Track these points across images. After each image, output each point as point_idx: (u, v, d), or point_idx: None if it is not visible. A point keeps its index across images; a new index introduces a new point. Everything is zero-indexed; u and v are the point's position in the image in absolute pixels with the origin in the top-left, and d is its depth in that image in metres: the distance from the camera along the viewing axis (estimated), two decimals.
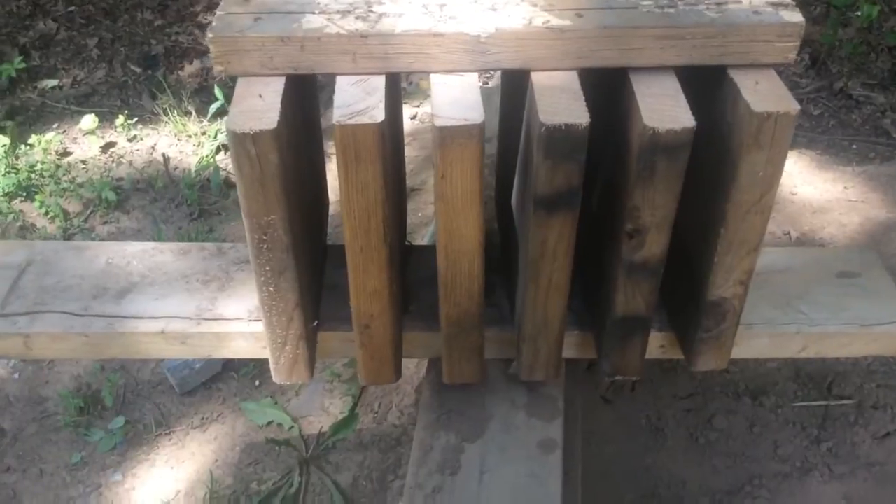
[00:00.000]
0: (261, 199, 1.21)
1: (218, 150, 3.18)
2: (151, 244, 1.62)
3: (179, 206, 2.97)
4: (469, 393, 1.52)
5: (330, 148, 2.55)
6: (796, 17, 1.26)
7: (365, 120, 1.16)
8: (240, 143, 1.15)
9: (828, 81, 3.46)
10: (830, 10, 3.71)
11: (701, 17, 1.25)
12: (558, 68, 1.25)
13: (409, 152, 3.00)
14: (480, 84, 1.28)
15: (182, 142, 3.25)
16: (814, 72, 3.51)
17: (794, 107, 1.20)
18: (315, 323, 1.46)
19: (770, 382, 2.15)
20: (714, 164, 1.30)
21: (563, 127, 1.16)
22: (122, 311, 1.49)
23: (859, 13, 3.54)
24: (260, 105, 1.18)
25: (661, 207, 1.26)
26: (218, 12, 1.24)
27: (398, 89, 1.50)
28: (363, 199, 1.22)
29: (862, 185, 2.87)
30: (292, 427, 2.23)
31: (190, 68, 3.61)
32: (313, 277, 1.48)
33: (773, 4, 1.28)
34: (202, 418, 2.29)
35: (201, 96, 3.45)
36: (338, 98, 1.20)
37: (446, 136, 1.17)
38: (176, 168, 3.13)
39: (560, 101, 1.20)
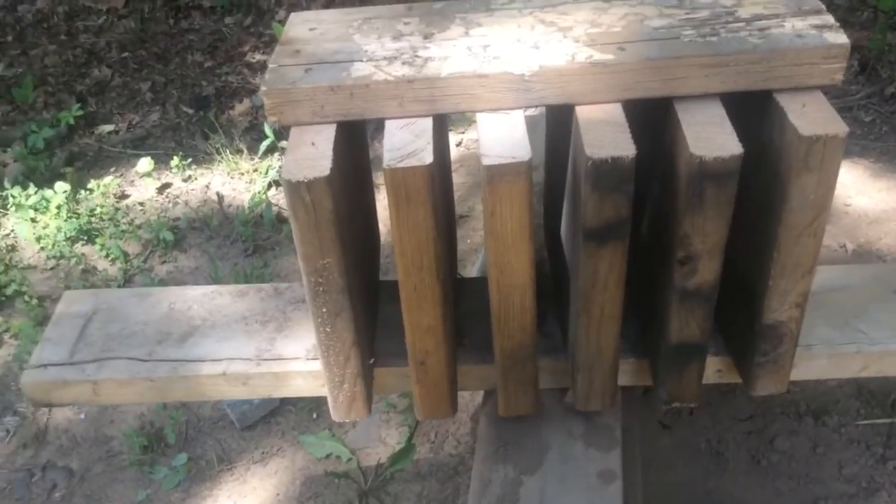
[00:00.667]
0: (316, 243, 1.24)
1: (269, 186, 3.25)
2: (211, 287, 1.66)
3: (234, 242, 3.04)
4: (526, 424, 1.53)
5: (378, 178, 2.59)
6: (841, 38, 1.25)
7: (414, 163, 1.18)
8: (295, 191, 1.19)
9: (878, 87, 3.40)
10: (878, 14, 3.66)
11: (743, 43, 1.25)
12: (602, 101, 1.27)
13: (456, 179, 3.03)
14: (525, 112, 1.30)
15: (235, 180, 3.33)
16: (863, 77, 3.46)
17: (842, 129, 1.19)
18: (372, 360, 1.49)
19: (832, 401, 2.12)
20: (764, 188, 1.29)
21: (610, 160, 1.17)
22: (184, 355, 1.53)
23: None
24: (313, 153, 1.22)
25: (712, 234, 1.26)
26: (270, 65, 1.28)
27: (445, 129, 1.53)
28: (415, 238, 1.25)
29: None
30: (350, 459, 2.26)
31: (240, 107, 3.71)
32: (368, 315, 1.51)
33: (816, 27, 1.28)
34: (262, 452, 2.33)
35: (252, 134, 3.54)
36: (387, 142, 1.22)
37: (495, 175, 1.19)
38: (230, 206, 3.20)
39: (605, 135, 1.21)
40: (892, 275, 1.70)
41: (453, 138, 3.39)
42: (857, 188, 2.89)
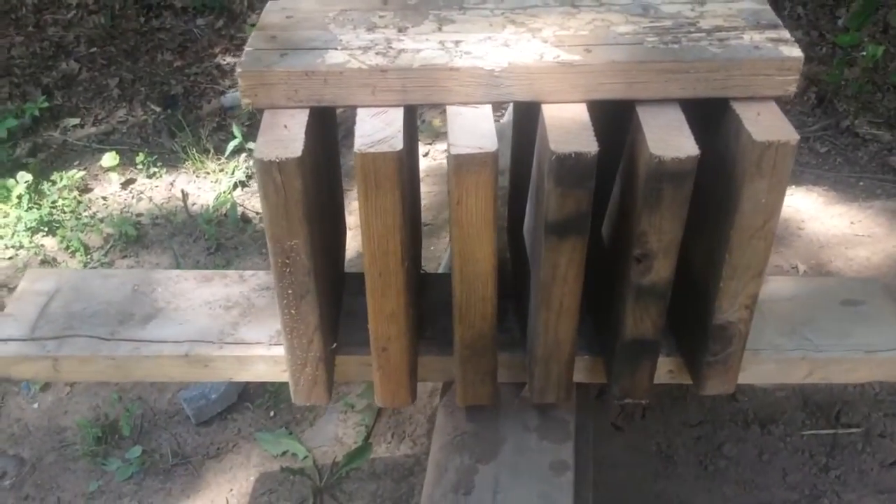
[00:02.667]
0: (284, 224, 1.27)
1: (235, 186, 3.25)
2: (175, 272, 1.68)
3: (197, 240, 3.04)
4: (482, 416, 1.56)
5: (347, 185, 2.62)
6: (795, 52, 1.32)
7: (385, 148, 1.22)
8: (266, 170, 1.21)
9: (834, 120, 3.52)
10: (836, 49, 3.79)
11: (703, 52, 1.31)
12: (568, 101, 1.31)
13: (423, 188, 3.07)
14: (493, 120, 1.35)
15: (200, 178, 3.33)
16: (820, 110, 3.57)
17: (793, 136, 1.25)
18: (334, 345, 1.51)
19: (779, 411, 2.18)
20: (719, 192, 1.35)
21: (573, 155, 1.22)
22: (147, 336, 1.54)
23: (864, 53, 3.61)
24: (285, 135, 1.24)
25: (668, 233, 1.31)
26: (246, 48, 1.31)
27: (415, 122, 1.57)
28: (382, 224, 1.28)
29: (868, 220, 2.91)
30: (306, 457, 2.26)
31: (208, 107, 3.71)
32: (332, 302, 1.53)
33: (773, 40, 1.34)
34: (217, 448, 2.32)
35: (219, 135, 3.54)
36: (359, 129, 1.26)
37: (462, 164, 1.23)
38: (194, 204, 3.20)
39: (570, 132, 1.26)
40: (839, 288, 1.77)
41: (421, 149, 3.43)
42: (810, 214, 2.99)
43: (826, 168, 3.29)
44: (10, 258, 2.95)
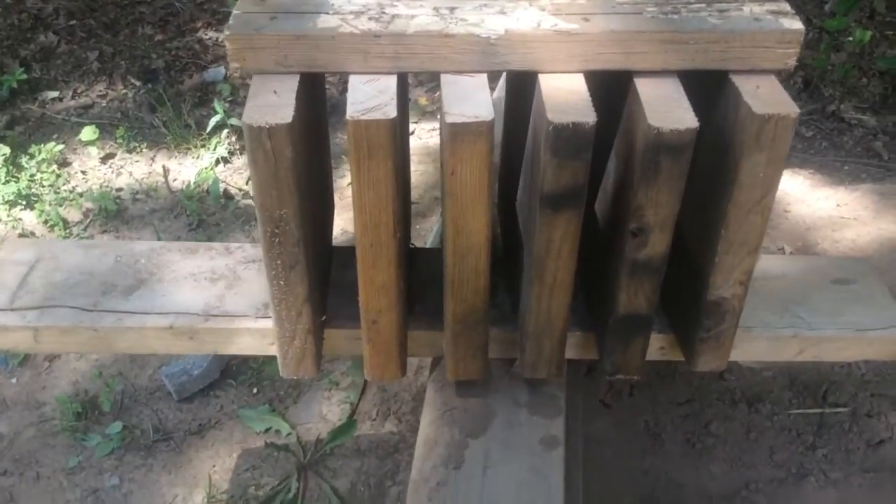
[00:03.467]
0: (274, 192, 1.23)
1: (217, 162, 3.20)
2: (159, 243, 1.64)
3: (178, 216, 2.99)
4: (472, 391, 1.55)
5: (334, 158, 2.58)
6: (796, 24, 1.30)
7: (378, 116, 1.19)
8: (255, 137, 1.18)
9: (820, 105, 3.52)
10: (823, 34, 3.78)
11: (703, 23, 1.29)
12: (565, 70, 1.29)
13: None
14: None
15: (182, 154, 3.27)
16: (806, 95, 3.57)
17: (793, 110, 1.23)
18: (323, 317, 1.48)
19: (766, 390, 2.18)
20: (716, 165, 1.33)
21: (571, 126, 1.20)
22: (130, 307, 1.51)
23: (851, 38, 3.61)
24: (275, 101, 1.21)
25: (665, 206, 1.29)
26: (235, 11, 1.27)
27: (407, 91, 1.54)
28: (374, 194, 1.25)
29: (854, 203, 2.92)
30: (290, 434, 2.24)
31: (190, 82, 3.65)
32: (321, 275, 1.50)
33: (773, 12, 1.32)
34: (199, 425, 2.29)
35: (201, 110, 3.48)
36: (351, 95, 1.23)
37: (457, 133, 1.20)
38: (175, 180, 3.15)
39: (567, 102, 1.23)
40: (830, 266, 1.77)
41: None
42: (796, 197, 2.99)
43: (812, 152, 3.29)
44: None
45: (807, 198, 2.98)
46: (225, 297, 1.55)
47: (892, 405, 2.12)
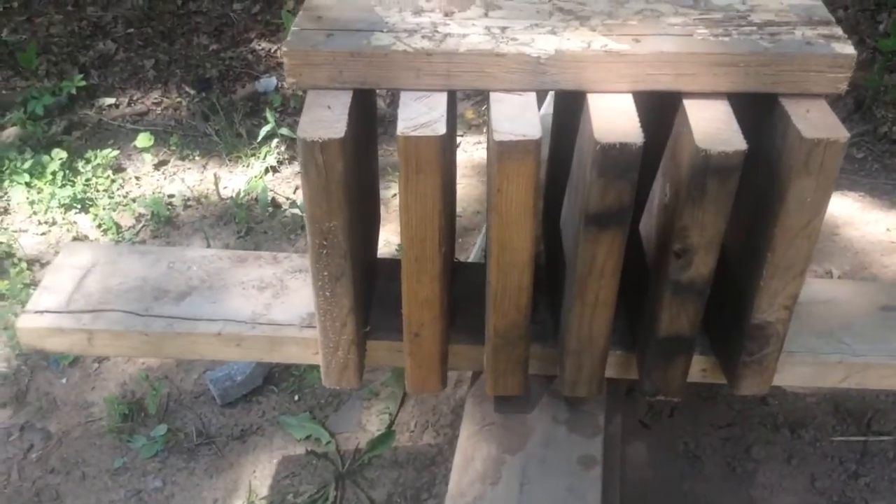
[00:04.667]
0: (325, 205, 1.26)
1: (266, 171, 3.26)
2: (211, 251, 1.68)
3: (227, 223, 3.05)
4: (511, 407, 1.55)
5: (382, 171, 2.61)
6: (848, 48, 1.29)
7: (427, 132, 1.21)
8: (308, 150, 1.21)
9: (872, 126, 3.46)
10: (877, 55, 3.73)
11: (755, 46, 1.29)
12: (614, 91, 1.30)
13: None
14: None
15: (232, 162, 3.34)
16: (858, 116, 3.52)
17: (843, 134, 1.23)
18: (367, 328, 1.50)
19: (809, 416, 2.15)
20: (763, 189, 1.33)
21: (618, 146, 1.20)
22: (181, 313, 1.55)
23: None
24: (328, 116, 1.24)
25: (710, 228, 1.29)
26: (292, 28, 1.31)
27: (455, 107, 1.56)
28: (421, 208, 1.27)
29: None
30: (329, 442, 2.26)
31: (242, 92, 3.72)
32: (366, 286, 1.53)
33: (825, 36, 1.32)
34: (242, 430, 2.33)
35: (252, 119, 3.55)
36: (402, 112, 1.25)
37: (504, 151, 1.21)
38: (225, 187, 3.21)
39: (615, 122, 1.24)
40: (878, 292, 1.74)
41: None
42: (844, 220, 2.95)
43: (862, 174, 3.25)
44: (43, 234, 2.98)
45: (856, 221, 2.94)
46: (272, 305, 1.58)
47: None
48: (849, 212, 2.99)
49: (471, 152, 3.35)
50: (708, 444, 2.08)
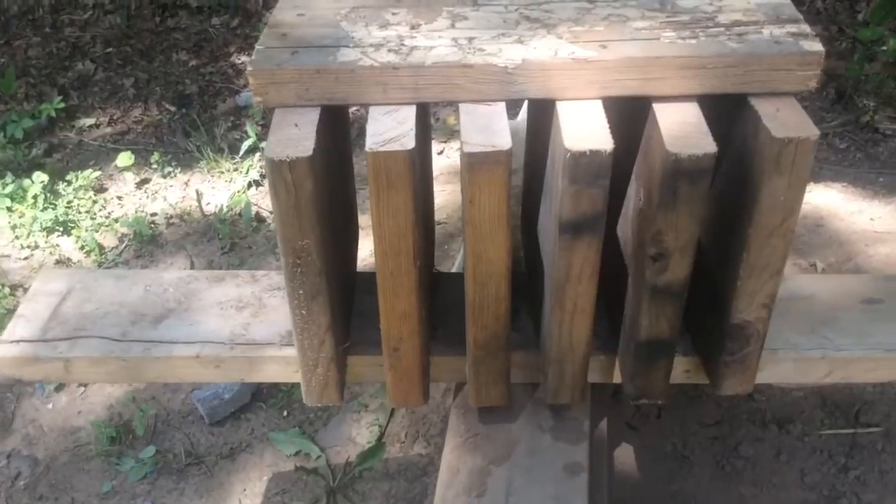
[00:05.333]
0: (296, 224, 1.25)
1: (249, 185, 3.25)
2: (187, 272, 1.67)
3: (211, 240, 3.04)
4: (495, 417, 1.55)
5: (360, 184, 2.60)
6: (816, 46, 1.29)
7: (396, 147, 1.20)
8: (277, 170, 1.20)
9: (854, 115, 3.47)
10: (856, 44, 3.74)
11: (722, 47, 1.29)
12: (583, 97, 1.30)
13: (435, 187, 3.05)
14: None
15: (215, 178, 3.33)
16: (840, 106, 3.53)
17: (813, 132, 1.22)
18: (346, 344, 1.50)
19: (797, 411, 2.15)
20: (737, 189, 1.33)
21: (588, 153, 1.20)
22: (158, 337, 1.54)
23: (885, 48, 3.57)
24: (296, 134, 1.23)
25: (684, 231, 1.29)
26: (257, 47, 1.30)
27: (428, 120, 1.55)
28: (394, 223, 1.27)
29: (888, 217, 2.87)
30: (319, 457, 2.25)
31: (223, 107, 3.71)
32: (344, 302, 1.52)
33: (793, 35, 1.32)
34: (231, 448, 2.32)
35: (234, 134, 3.54)
36: (370, 127, 1.24)
37: (474, 162, 1.21)
38: (208, 203, 3.20)
39: (584, 129, 1.24)
40: (860, 285, 1.74)
41: (435, 148, 3.41)
42: (828, 210, 2.95)
43: (845, 164, 3.25)
44: (25, 258, 2.96)
45: (840, 211, 2.94)
46: (251, 325, 1.57)
47: None
48: (833, 203, 2.99)
49: (454, 158, 3.35)
50: (696, 444, 2.08)
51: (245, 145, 3.37)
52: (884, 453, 2.03)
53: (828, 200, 2.99)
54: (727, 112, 1.34)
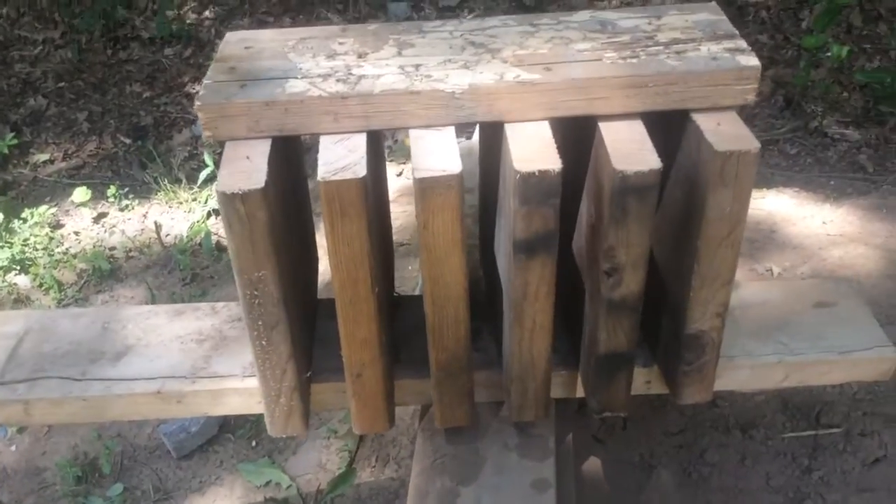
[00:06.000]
0: (251, 255, 1.26)
1: (209, 215, 3.23)
2: (146, 307, 1.66)
3: (172, 271, 3.01)
4: (462, 437, 1.55)
5: (318, 207, 2.61)
6: (752, 60, 1.33)
7: (348, 175, 1.21)
8: (229, 202, 1.21)
9: (803, 121, 3.55)
10: (801, 52, 3.83)
11: (662, 65, 1.32)
12: (530, 119, 1.32)
13: (396, 208, 3.06)
14: (462, 139, 1.35)
15: (173, 209, 3.31)
16: (788, 112, 3.61)
17: (754, 145, 1.26)
18: (308, 373, 1.50)
19: (759, 415, 2.18)
20: (684, 203, 1.36)
21: (537, 173, 1.22)
22: (119, 374, 1.52)
23: (830, 54, 3.66)
24: (247, 166, 1.24)
25: (636, 246, 1.31)
26: (205, 81, 1.31)
27: (381, 146, 1.57)
28: (349, 251, 1.28)
29: (840, 219, 2.93)
30: (290, 486, 2.24)
31: (179, 137, 3.70)
32: (305, 330, 1.52)
33: (730, 50, 1.36)
34: (200, 481, 2.29)
35: (191, 164, 3.53)
36: (322, 156, 1.26)
37: (426, 187, 1.23)
38: (168, 234, 3.18)
39: (533, 150, 1.26)
40: (811, 289, 1.78)
41: (393, 169, 3.43)
42: (782, 216, 3.01)
43: (797, 169, 3.32)
44: None
45: (793, 216, 3.00)
46: (211, 357, 1.56)
47: (886, 423, 2.12)
48: (785, 208, 3.05)
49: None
50: (663, 453, 2.10)
51: (203, 175, 3.35)
52: (845, 453, 2.07)
53: (780, 206, 3.05)
54: (672, 127, 1.37)
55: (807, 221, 2.95)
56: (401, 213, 3.13)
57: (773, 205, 3.05)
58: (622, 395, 1.51)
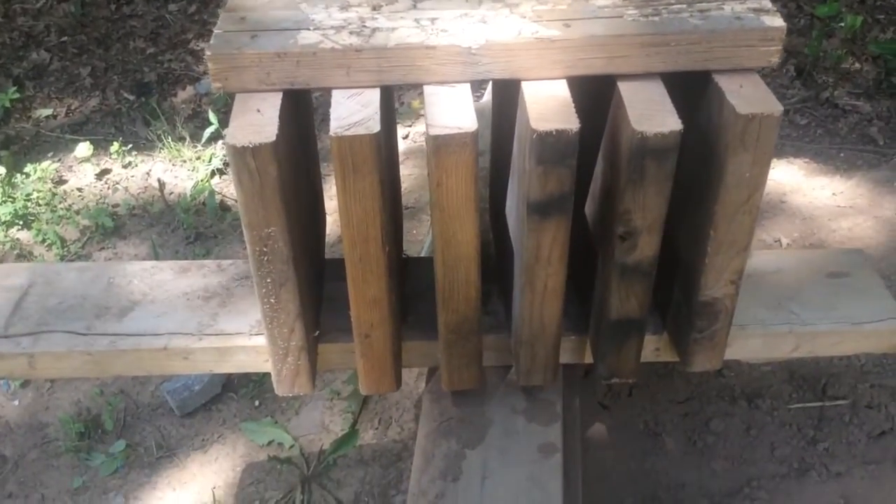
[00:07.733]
0: (261, 211, 1.23)
1: (213, 174, 3.20)
2: (151, 263, 1.64)
3: (175, 230, 2.99)
4: (469, 400, 1.54)
5: (326, 170, 2.58)
6: (777, 21, 1.30)
7: (361, 131, 1.19)
8: (239, 156, 1.18)
9: (814, 92, 3.51)
10: (814, 21, 3.77)
11: (684, 24, 1.29)
12: (548, 77, 1.29)
13: (403, 171, 3.03)
14: (473, 99, 1.32)
15: (177, 167, 3.28)
16: (799, 82, 3.56)
17: (777, 108, 1.23)
18: (316, 332, 1.48)
19: (765, 385, 2.18)
20: (702, 166, 1.33)
21: (554, 133, 1.20)
22: (124, 329, 1.51)
23: (843, 24, 3.60)
24: (258, 120, 1.21)
25: (652, 210, 1.29)
26: (215, 31, 1.28)
27: (392, 102, 1.54)
28: (361, 208, 1.25)
29: (850, 191, 2.91)
30: (293, 446, 2.24)
31: (183, 94, 3.65)
32: (313, 289, 1.50)
33: (755, 10, 1.32)
34: (203, 440, 2.30)
35: (195, 122, 3.49)
36: (334, 111, 1.23)
37: (441, 145, 1.20)
38: (171, 193, 3.15)
39: (550, 109, 1.23)
40: (824, 260, 1.76)
41: (400, 131, 3.39)
42: (791, 187, 2.98)
43: (807, 140, 3.28)
44: None
45: (803, 187, 2.97)
46: (218, 315, 1.55)
47: (893, 396, 2.11)
48: (795, 179, 3.02)
49: (420, 142, 3.33)
50: (668, 421, 2.10)
51: (207, 133, 3.32)
52: (851, 425, 2.07)
53: (790, 176, 3.02)
54: (692, 89, 1.34)
55: (816, 192, 2.93)
56: (407, 176, 3.10)
57: (783, 175, 3.02)
58: (632, 361, 1.49)
